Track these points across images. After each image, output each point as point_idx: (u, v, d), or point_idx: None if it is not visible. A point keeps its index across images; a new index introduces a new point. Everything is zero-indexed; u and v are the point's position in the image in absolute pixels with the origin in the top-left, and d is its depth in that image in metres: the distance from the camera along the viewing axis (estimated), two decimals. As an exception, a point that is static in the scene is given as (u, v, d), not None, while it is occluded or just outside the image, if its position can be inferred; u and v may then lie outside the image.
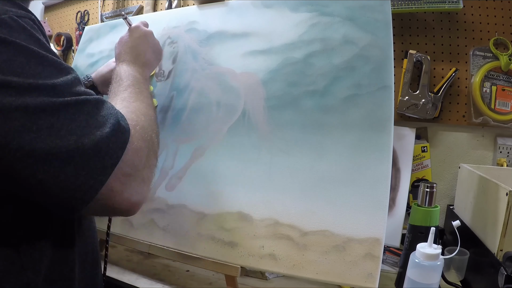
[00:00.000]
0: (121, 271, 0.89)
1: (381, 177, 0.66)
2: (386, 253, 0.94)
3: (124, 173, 0.46)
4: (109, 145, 0.44)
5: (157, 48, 0.80)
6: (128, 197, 0.47)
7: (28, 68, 0.42)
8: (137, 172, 0.48)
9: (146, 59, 0.74)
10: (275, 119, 0.78)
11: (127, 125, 0.48)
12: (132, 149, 0.48)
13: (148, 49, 0.76)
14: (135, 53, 0.72)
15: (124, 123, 0.48)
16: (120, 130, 0.46)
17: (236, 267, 0.72)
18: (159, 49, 0.81)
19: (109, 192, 0.45)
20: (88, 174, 0.42)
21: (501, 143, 1.06)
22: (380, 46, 0.73)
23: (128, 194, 0.47)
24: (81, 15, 1.69)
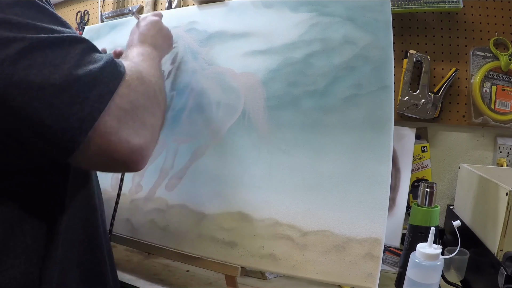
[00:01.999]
0: (121, 271, 0.89)
1: (381, 177, 0.66)
2: (386, 253, 0.94)
3: (120, 107, 0.44)
4: (102, 74, 0.44)
5: (166, 33, 0.81)
6: (126, 138, 0.44)
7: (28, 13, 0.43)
8: (134, 110, 0.46)
9: (155, 41, 0.74)
10: (275, 119, 0.78)
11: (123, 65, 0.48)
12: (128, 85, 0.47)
13: (157, 34, 0.77)
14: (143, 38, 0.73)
15: (119, 63, 0.48)
16: (115, 65, 0.46)
17: (236, 267, 0.72)
18: (168, 34, 0.81)
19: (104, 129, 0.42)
20: (84, 101, 0.41)
21: (501, 143, 1.06)
22: (380, 46, 0.73)
23: (125, 133, 0.44)
24: (81, 15, 1.69)
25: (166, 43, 0.80)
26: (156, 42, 0.74)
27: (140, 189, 0.89)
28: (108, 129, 0.43)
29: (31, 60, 0.40)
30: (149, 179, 0.89)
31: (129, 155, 0.44)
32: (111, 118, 0.43)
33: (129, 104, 0.46)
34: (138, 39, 0.73)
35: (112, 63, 0.46)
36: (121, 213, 0.90)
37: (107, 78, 0.44)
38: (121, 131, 0.44)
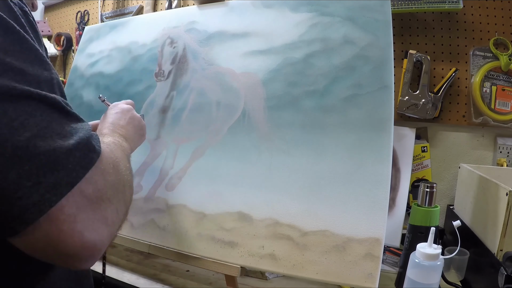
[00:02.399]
0: (121, 271, 0.89)
1: (381, 177, 0.66)
2: (386, 253, 0.94)
3: (84, 194, 0.37)
4: (69, 159, 0.36)
5: (138, 123, 0.73)
6: (80, 230, 0.36)
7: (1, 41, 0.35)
8: (99, 202, 0.39)
9: (126, 132, 0.67)
10: (275, 119, 0.78)
11: (99, 146, 0.40)
12: (100, 171, 0.39)
13: (127, 125, 0.70)
14: (112, 127, 0.67)
15: (96, 143, 0.40)
16: (88, 148, 0.38)
17: (236, 267, 0.72)
18: (140, 124, 0.74)
19: (58, 215, 0.34)
20: (34, 186, 0.33)
21: (501, 143, 1.06)
22: (380, 46, 0.73)
23: (81, 225, 0.36)
24: (81, 15, 1.69)
25: (138, 134, 0.73)
26: (127, 133, 0.68)
27: (140, 189, 0.89)
28: (63, 216, 0.35)
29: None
30: (149, 179, 0.89)
31: (79, 251, 0.36)
32: (70, 204, 0.35)
33: (96, 193, 0.38)
34: (108, 129, 0.66)
35: (86, 145, 0.38)
36: (121, 213, 0.90)
37: (73, 164, 0.36)
38: (77, 222, 0.36)
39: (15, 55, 0.36)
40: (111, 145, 0.54)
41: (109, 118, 0.69)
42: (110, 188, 0.41)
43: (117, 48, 1.09)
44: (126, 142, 0.64)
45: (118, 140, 0.61)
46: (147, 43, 1.03)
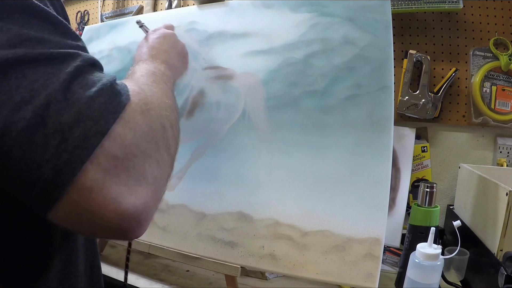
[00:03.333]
0: (121, 271, 0.89)
1: (381, 177, 0.66)
2: (386, 253, 0.94)
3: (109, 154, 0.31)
4: (92, 106, 0.32)
5: (181, 50, 0.68)
6: (115, 197, 0.31)
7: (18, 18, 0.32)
8: (131, 158, 0.33)
9: (168, 58, 0.61)
10: (275, 119, 0.78)
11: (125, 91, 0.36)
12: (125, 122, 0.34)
13: (170, 49, 0.65)
14: (154, 52, 0.61)
15: (120, 87, 0.36)
16: (114, 90, 0.34)
17: (236, 267, 0.72)
18: (183, 51, 0.69)
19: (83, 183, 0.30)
20: (61, 144, 0.30)
21: (501, 143, 1.06)
22: (380, 46, 0.73)
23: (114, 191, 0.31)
24: (81, 15, 1.69)
25: (182, 62, 0.67)
26: (169, 59, 0.61)
27: (140, 189, 0.89)
28: (90, 183, 0.30)
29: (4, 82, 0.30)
30: (149, 179, 0.89)
31: (118, 221, 0.32)
32: (95, 169, 0.31)
33: (123, 149, 0.33)
34: (149, 54, 0.60)
35: (109, 90, 0.34)
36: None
37: (98, 112, 0.32)
38: (108, 188, 0.31)
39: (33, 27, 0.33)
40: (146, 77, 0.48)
41: (151, 42, 0.63)
42: (142, 139, 0.35)
43: (117, 48, 1.09)
44: (169, 70, 0.58)
45: (159, 67, 0.55)
46: (147, 43, 1.03)
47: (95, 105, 0.32)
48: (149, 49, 0.62)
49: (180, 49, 0.68)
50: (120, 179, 0.32)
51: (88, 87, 0.32)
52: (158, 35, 0.66)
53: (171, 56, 0.63)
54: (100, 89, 0.33)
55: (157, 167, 0.36)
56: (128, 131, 0.33)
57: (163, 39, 0.66)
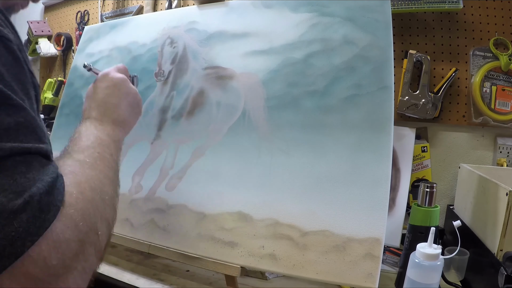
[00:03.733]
0: (121, 271, 0.89)
1: (381, 177, 0.66)
2: (386, 253, 0.94)
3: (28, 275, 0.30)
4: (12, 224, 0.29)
5: (133, 100, 0.62)
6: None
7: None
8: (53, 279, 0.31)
9: (118, 115, 0.58)
10: (275, 119, 0.78)
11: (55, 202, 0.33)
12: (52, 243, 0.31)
13: (121, 102, 0.59)
14: (103, 108, 0.57)
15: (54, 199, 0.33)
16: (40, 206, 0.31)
17: (236, 267, 0.72)
18: (135, 100, 0.63)
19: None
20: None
21: (501, 143, 1.06)
22: (380, 46, 0.73)
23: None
24: (81, 15, 1.69)
25: (133, 113, 0.62)
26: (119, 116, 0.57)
27: (140, 189, 0.89)
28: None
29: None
30: (149, 179, 0.89)
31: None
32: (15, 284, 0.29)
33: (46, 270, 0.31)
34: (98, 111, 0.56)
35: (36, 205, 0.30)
36: (121, 213, 0.90)
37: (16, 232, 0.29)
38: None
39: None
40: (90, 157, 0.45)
41: (99, 93, 0.58)
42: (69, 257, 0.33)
43: (117, 48, 1.09)
44: (118, 128, 0.56)
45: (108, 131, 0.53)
46: (147, 43, 1.03)
47: (15, 223, 0.29)
48: (98, 104, 0.57)
49: (131, 99, 0.62)
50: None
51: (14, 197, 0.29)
52: (107, 84, 0.60)
53: (121, 111, 0.59)
54: (26, 202, 0.30)
55: (81, 275, 0.35)
56: (53, 251, 0.31)
57: (113, 89, 0.60)
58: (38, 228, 0.30)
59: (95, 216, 0.38)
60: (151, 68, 0.99)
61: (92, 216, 0.37)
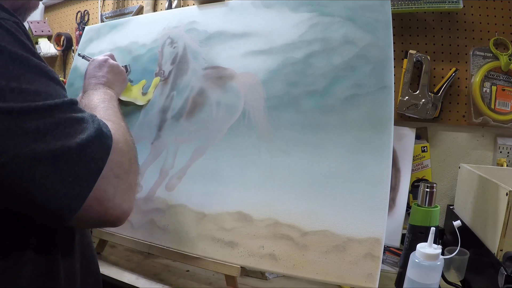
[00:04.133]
0: (121, 271, 0.89)
1: (381, 177, 0.66)
2: (386, 253, 0.94)
3: (115, 174, 0.46)
4: (93, 150, 0.44)
5: (117, 70, 0.83)
6: (119, 203, 0.46)
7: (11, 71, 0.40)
8: (124, 175, 0.48)
9: (106, 80, 0.77)
10: (275, 119, 0.78)
11: (108, 131, 0.48)
12: (118, 150, 0.47)
13: (107, 73, 0.80)
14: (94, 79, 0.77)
15: (106, 129, 0.47)
16: (104, 136, 0.46)
17: (236, 267, 0.72)
18: (118, 70, 0.84)
19: (102, 196, 0.44)
20: (74, 180, 0.41)
21: (501, 143, 1.06)
22: (380, 46, 0.73)
23: (119, 199, 0.46)
24: (81, 15, 1.69)
25: (119, 80, 0.83)
26: (108, 80, 0.78)
27: (140, 189, 0.89)
28: (107, 196, 0.45)
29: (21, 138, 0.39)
30: (149, 179, 0.89)
31: (119, 218, 0.47)
32: (110, 186, 0.45)
33: (122, 170, 0.47)
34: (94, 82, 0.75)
35: (100, 136, 0.45)
36: (121, 213, 0.90)
37: (97, 155, 0.44)
38: (116, 198, 0.46)
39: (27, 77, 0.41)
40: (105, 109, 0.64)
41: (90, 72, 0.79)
42: (128, 161, 0.50)
43: (117, 48, 1.09)
44: (110, 89, 0.75)
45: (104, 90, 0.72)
46: (147, 43, 1.03)
47: (95, 149, 0.44)
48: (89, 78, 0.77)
49: (116, 69, 0.83)
50: (121, 190, 0.47)
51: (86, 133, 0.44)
52: (94, 65, 0.81)
53: (109, 78, 0.79)
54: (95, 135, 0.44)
55: (135, 177, 0.53)
56: (121, 156, 0.48)
57: (99, 66, 0.80)
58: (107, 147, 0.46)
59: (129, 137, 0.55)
60: (151, 68, 0.99)
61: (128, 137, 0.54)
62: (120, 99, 0.90)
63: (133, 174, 0.51)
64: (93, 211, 0.44)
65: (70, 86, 1.16)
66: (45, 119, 0.41)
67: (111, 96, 0.71)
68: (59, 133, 0.41)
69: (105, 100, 0.68)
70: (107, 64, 0.81)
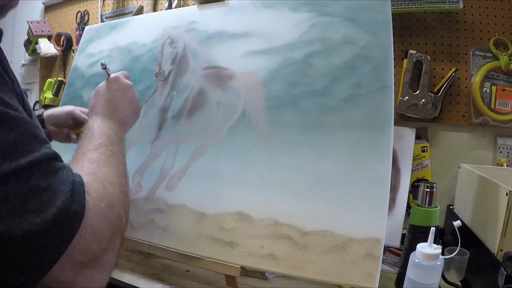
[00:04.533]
0: (121, 271, 0.89)
1: (381, 177, 0.66)
2: (386, 253, 0.94)
3: (77, 262, 0.38)
4: (48, 237, 0.35)
5: (137, 105, 0.71)
6: (85, 285, 0.39)
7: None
8: (95, 260, 0.40)
9: (123, 116, 0.65)
10: (275, 119, 0.78)
11: (81, 207, 0.39)
12: (90, 233, 0.39)
13: (127, 105, 0.68)
14: (112, 108, 0.64)
15: (77, 205, 0.38)
16: (68, 217, 0.37)
17: (236, 267, 0.72)
18: (138, 106, 0.72)
19: (58, 281, 0.37)
20: (18, 270, 0.35)
21: (501, 143, 1.06)
22: (380, 46, 0.73)
23: (84, 282, 0.39)
24: (81, 15, 1.69)
25: (134, 117, 0.71)
26: (124, 116, 0.65)
27: (140, 189, 0.89)
28: (68, 279, 0.38)
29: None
30: (149, 179, 0.89)
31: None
32: (64, 273, 0.37)
33: (89, 256, 0.39)
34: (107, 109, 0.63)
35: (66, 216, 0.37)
36: (121, 213, 0.90)
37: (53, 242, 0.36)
38: (80, 281, 0.39)
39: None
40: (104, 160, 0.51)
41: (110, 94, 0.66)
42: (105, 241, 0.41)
43: (117, 48, 1.09)
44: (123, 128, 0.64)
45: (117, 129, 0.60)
46: (147, 43, 1.03)
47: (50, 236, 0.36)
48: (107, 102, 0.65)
49: (135, 104, 0.70)
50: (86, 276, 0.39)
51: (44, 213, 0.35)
52: (117, 87, 0.68)
53: (126, 113, 0.67)
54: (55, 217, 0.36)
55: (113, 255, 0.44)
56: (93, 241, 0.39)
57: (122, 92, 0.68)
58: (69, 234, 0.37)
59: (119, 207, 0.46)
60: (151, 68, 0.99)
61: (116, 207, 0.45)
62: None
63: (110, 254, 0.43)
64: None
65: (70, 86, 1.16)
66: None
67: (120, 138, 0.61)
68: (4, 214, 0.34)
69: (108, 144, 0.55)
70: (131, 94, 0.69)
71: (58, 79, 1.71)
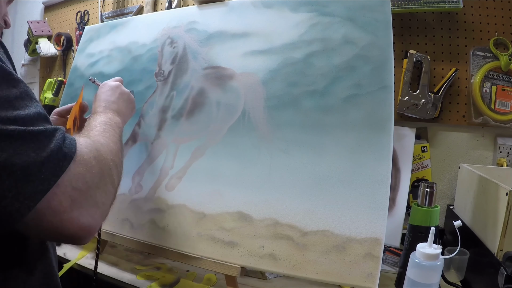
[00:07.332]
0: (121, 271, 0.89)
1: (381, 177, 0.66)
2: (386, 253, 0.94)
3: (74, 188, 0.44)
4: (41, 170, 0.42)
5: (128, 98, 0.82)
6: (77, 217, 0.44)
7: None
8: (88, 190, 0.46)
9: (116, 107, 0.76)
10: (275, 119, 0.78)
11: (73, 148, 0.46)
12: (84, 164, 0.46)
13: (118, 99, 0.78)
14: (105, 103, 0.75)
15: (69, 147, 0.46)
16: (60, 155, 0.44)
17: (236, 267, 0.72)
18: (129, 98, 0.82)
19: (56, 206, 0.43)
20: (14, 196, 0.40)
21: (501, 143, 1.06)
22: (380, 46, 0.73)
23: (77, 213, 0.45)
24: (81, 15, 1.69)
25: (129, 108, 0.81)
26: (118, 107, 0.76)
27: (140, 189, 0.89)
28: (62, 208, 0.43)
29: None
30: (149, 179, 0.89)
31: (77, 233, 0.45)
32: (65, 198, 0.43)
33: (84, 184, 0.46)
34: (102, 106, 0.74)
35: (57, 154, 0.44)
36: (121, 213, 0.90)
37: (45, 175, 0.42)
38: (73, 211, 0.44)
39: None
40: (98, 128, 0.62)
41: (101, 96, 0.77)
42: (96, 176, 0.48)
43: (117, 48, 1.09)
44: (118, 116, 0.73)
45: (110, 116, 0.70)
46: (147, 43, 1.03)
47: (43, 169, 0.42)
48: (101, 102, 0.75)
49: (126, 97, 0.81)
50: (81, 205, 0.45)
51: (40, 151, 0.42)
52: (106, 89, 0.79)
53: (119, 104, 0.77)
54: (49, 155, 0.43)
55: (105, 196, 0.50)
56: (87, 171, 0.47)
57: (111, 91, 0.79)
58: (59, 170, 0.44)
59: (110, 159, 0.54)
60: (151, 68, 0.99)
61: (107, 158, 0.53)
62: None
63: (101, 192, 0.49)
64: (47, 220, 0.43)
65: (70, 86, 1.16)
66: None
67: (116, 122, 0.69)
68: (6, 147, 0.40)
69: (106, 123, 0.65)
70: (119, 90, 0.80)
71: (58, 79, 1.71)
